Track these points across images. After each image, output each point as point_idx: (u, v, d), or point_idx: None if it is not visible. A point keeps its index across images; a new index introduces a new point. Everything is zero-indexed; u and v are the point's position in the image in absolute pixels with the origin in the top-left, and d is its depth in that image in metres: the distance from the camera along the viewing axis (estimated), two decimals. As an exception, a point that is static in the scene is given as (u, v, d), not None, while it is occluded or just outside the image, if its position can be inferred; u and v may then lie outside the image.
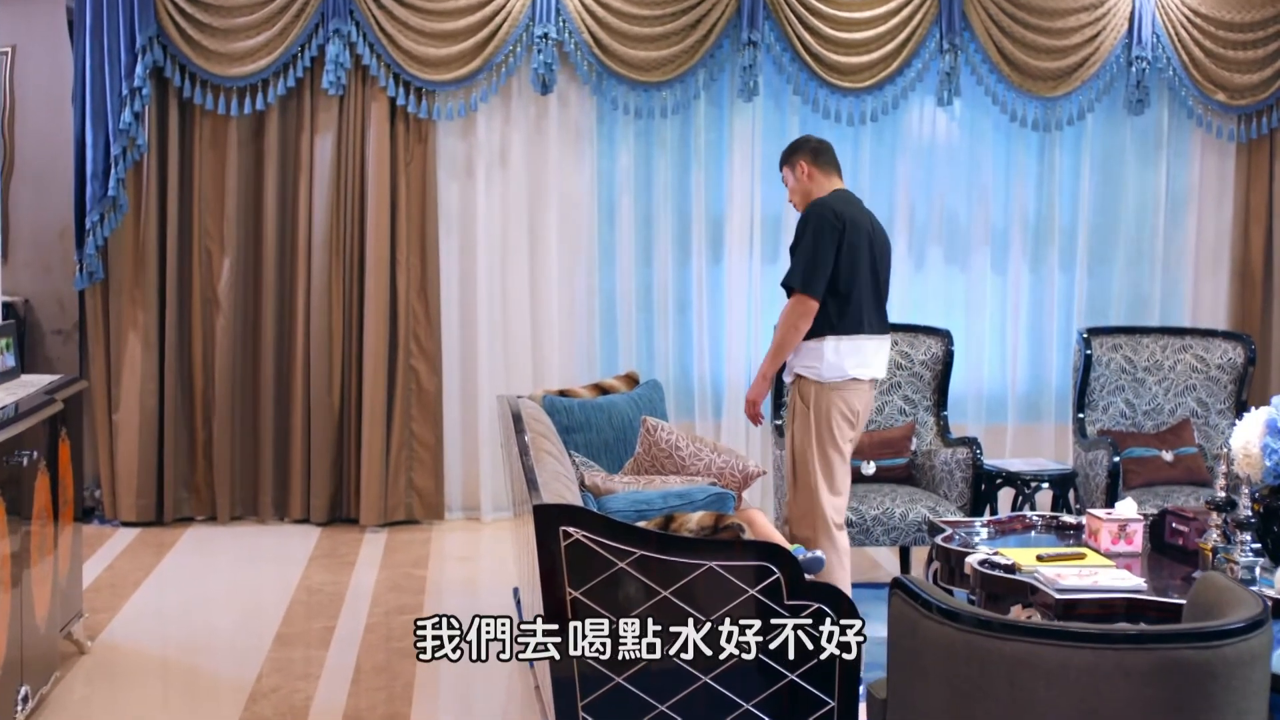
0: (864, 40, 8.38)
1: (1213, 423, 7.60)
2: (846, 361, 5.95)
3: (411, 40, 8.05)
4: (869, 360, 6.04)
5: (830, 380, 5.94)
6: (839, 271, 5.92)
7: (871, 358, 6.05)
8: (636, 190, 8.59)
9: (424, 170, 8.24)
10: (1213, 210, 9.06)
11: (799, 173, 6.19)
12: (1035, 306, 9.01)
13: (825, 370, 5.94)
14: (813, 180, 6.17)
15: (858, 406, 6.02)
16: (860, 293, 5.97)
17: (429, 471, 8.38)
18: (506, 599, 6.82)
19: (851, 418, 6.01)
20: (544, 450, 5.16)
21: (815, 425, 5.96)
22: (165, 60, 7.94)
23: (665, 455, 5.95)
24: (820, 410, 5.96)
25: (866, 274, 6.00)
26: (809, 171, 6.17)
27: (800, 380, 6.02)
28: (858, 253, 5.97)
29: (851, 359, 5.96)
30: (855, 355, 5.97)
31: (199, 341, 8.21)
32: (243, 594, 7.04)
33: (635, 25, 8.22)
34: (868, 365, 6.03)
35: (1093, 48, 8.56)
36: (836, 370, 5.94)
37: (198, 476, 8.33)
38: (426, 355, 8.30)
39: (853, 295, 5.95)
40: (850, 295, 5.95)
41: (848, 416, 5.99)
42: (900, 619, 3.58)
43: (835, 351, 5.94)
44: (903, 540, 6.80)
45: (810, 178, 6.17)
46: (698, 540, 4.51)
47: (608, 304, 8.67)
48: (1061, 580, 5.09)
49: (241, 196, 8.19)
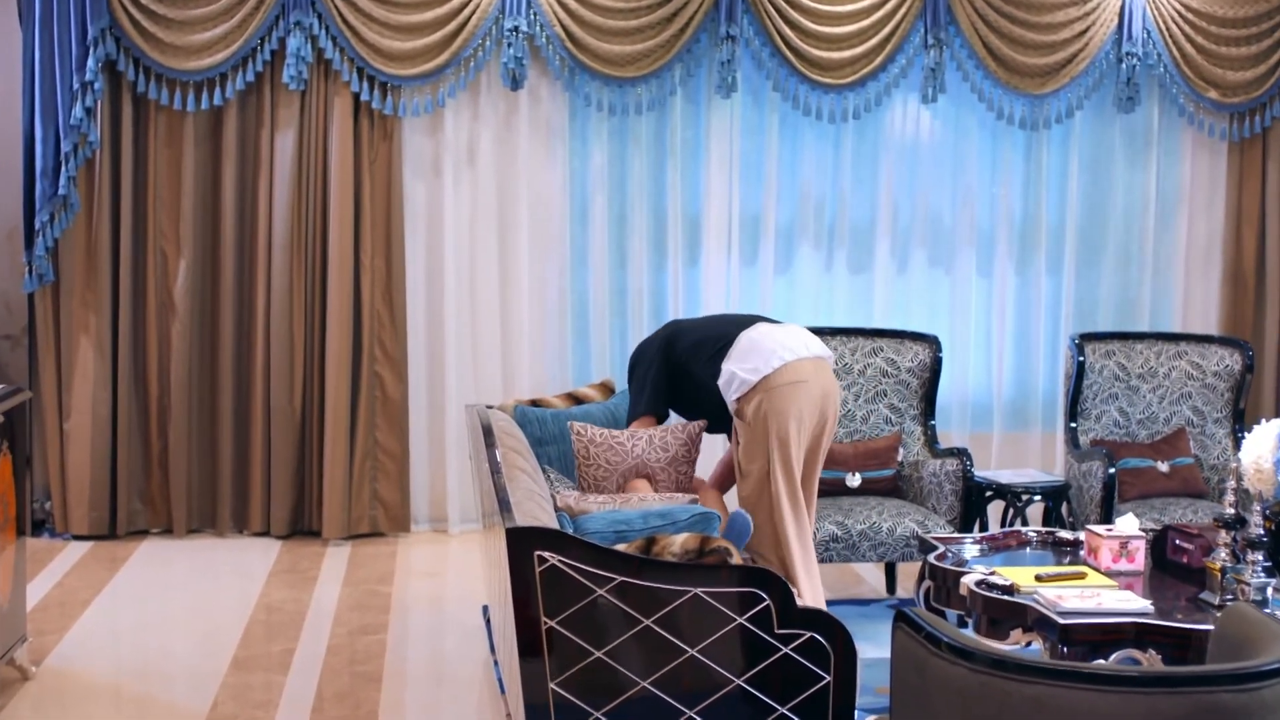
0: (846, 35, 8.16)
1: (1209, 432, 7.36)
2: (763, 357, 5.65)
3: (376, 33, 7.81)
4: (785, 341, 5.72)
5: (764, 378, 5.61)
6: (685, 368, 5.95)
7: (786, 339, 5.74)
8: (610, 190, 8.37)
9: (389, 169, 8.01)
10: (1204, 211, 8.87)
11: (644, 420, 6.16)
12: (1022, 310, 8.81)
13: (750, 374, 5.63)
14: None
15: (804, 404, 5.66)
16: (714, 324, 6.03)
17: (394, 482, 8.14)
18: (476, 617, 6.56)
19: (800, 417, 5.66)
20: (516, 467, 4.87)
21: (766, 437, 5.62)
22: (118, 53, 7.68)
23: (605, 453, 5.76)
24: (764, 418, 5.62)
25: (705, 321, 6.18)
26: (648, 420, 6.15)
27: (739, 404, 5.70)
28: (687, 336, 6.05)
29: (765, 350, 5.67)
30: (764, 346, 5.69)
31: (154, 347, 7.95)
32: (199, 613, 6.74)
33: (609, 19, 8.00)
34: (787, 346, 5.69)
35: (1082, 43, 8.36)
36: (763, 363, 5.63)
37: (153, 488, 8.07)
38: (392, 361, 8.07)
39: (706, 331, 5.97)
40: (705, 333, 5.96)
41: (796, 416, 5.64)
42: (906, 656, 3.33)
43: (743, 358, 5.68)
44: (890, 556, 6.54)
45: None
46: (682, 565, 4.25)
47: (580, 307, 8.45)
48: (1063, 603, 4.88)
49: (198, 196, 7.94)
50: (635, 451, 5.78)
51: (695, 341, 5.90)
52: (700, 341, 5.88)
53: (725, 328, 5.89)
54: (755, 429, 5.60)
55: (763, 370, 5.61)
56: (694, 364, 5.88)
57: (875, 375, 7.13)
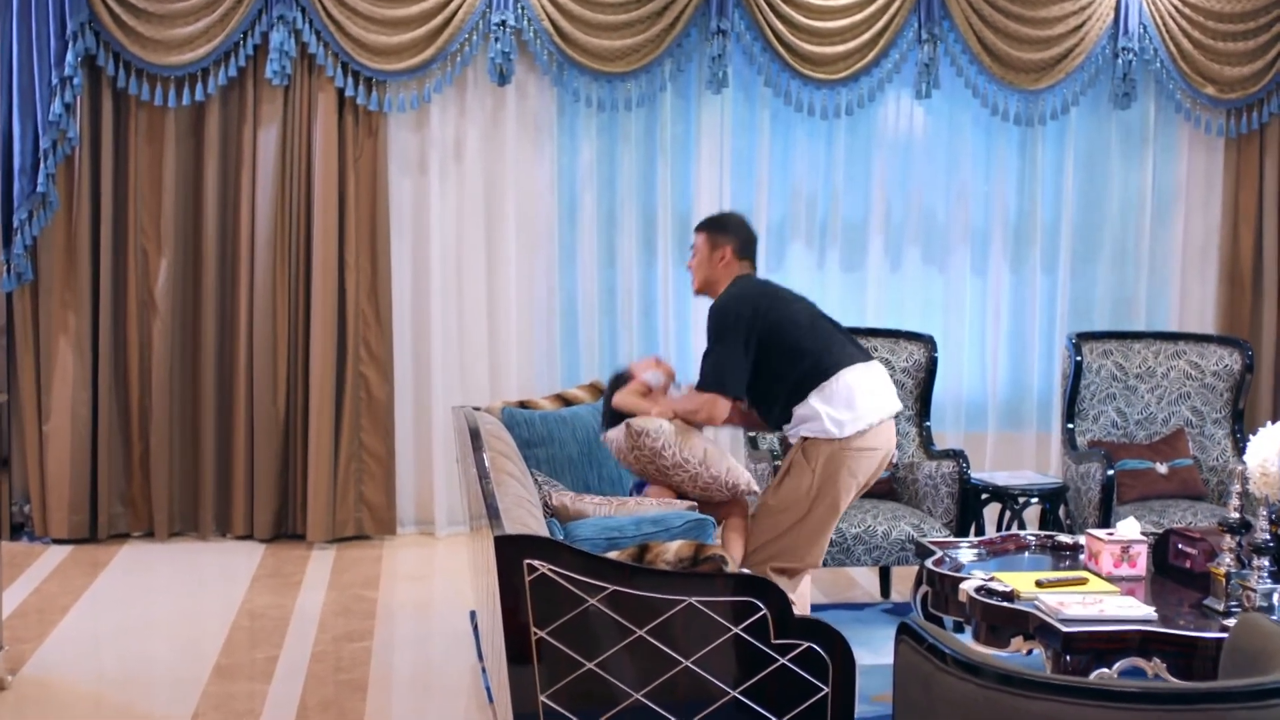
0: (839, 29, 8.05)
1: (1208, 433, 7.25)
2: (855, 412, 5.40)
3: (361, 27, 7.69)
4: (878, 396, 5.47)
5: (847, 435, 5.38)
6: (776, 342, 5.42)
7: (878, 392, 5.49)
8: (599, 187, 8.26)
9: (374, 165, 7.90)
10: (1200, 209, 8.77)
11: (717, 256, 5.65)
12: (1016, 309, 8.71)
13: (835, 426, 5.37)
14: (727, 270, 5.63)
15: (871, 468, 5.49)
16: (818, 338, 5.48)
17: (380, 484, 8.03)
18: (463, 623, 6.44)
19: (860, 483, 5.51)
20: (505, 472, 4.75)
21: (820, 487, 5.42)
22: (98, 48, 7.56)
23: (649, 460, 5.42)
24: (833, 475, 5.41)
25: (810, 320, 5.55)
26: (728, 261, 5.64)
27: (807, 443, 5.44)
28: (786, 310, 5.52)
29: (859, 405, 5.41)
30: (859, 400, 5.41)
31: (135, 347, 7.84)
32: (181, 619, 6.61)
33: (598, 12, 7.90)
34: (876, 408, 5.45)
35: (1077, 38, 8.25)
36: (854, 419, 5.39)
37: (134, 490, 7.95)
38: (377, 361, 7.97)
39: (806, 346, 5.44)
40: (804, 348, 5.44)
41: (859, 482, 5.49)
42: (910, 670, 3.20)
43: (835, 401, 5.38)
44: (885, 560, 6.42)
45: (726, 267, 5.64)
46: (676, 573, 4.13)
47: (569, 306, 8.35)
48: (1065, 610, 4.77)
49: (180, 193, 7.82)
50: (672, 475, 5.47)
51: (794, 347, 5.44)
52: (799, 351, 5.43)
53: (827, 348, 5.47)
54: (814, 478, 5.41)
55: (849, 429, 5.37)
56: (784, 366, 5.45)
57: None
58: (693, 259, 5.74)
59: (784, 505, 5.48)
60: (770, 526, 5.50)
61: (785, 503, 5.48)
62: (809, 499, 5.43)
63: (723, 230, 5.70)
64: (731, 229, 5.72)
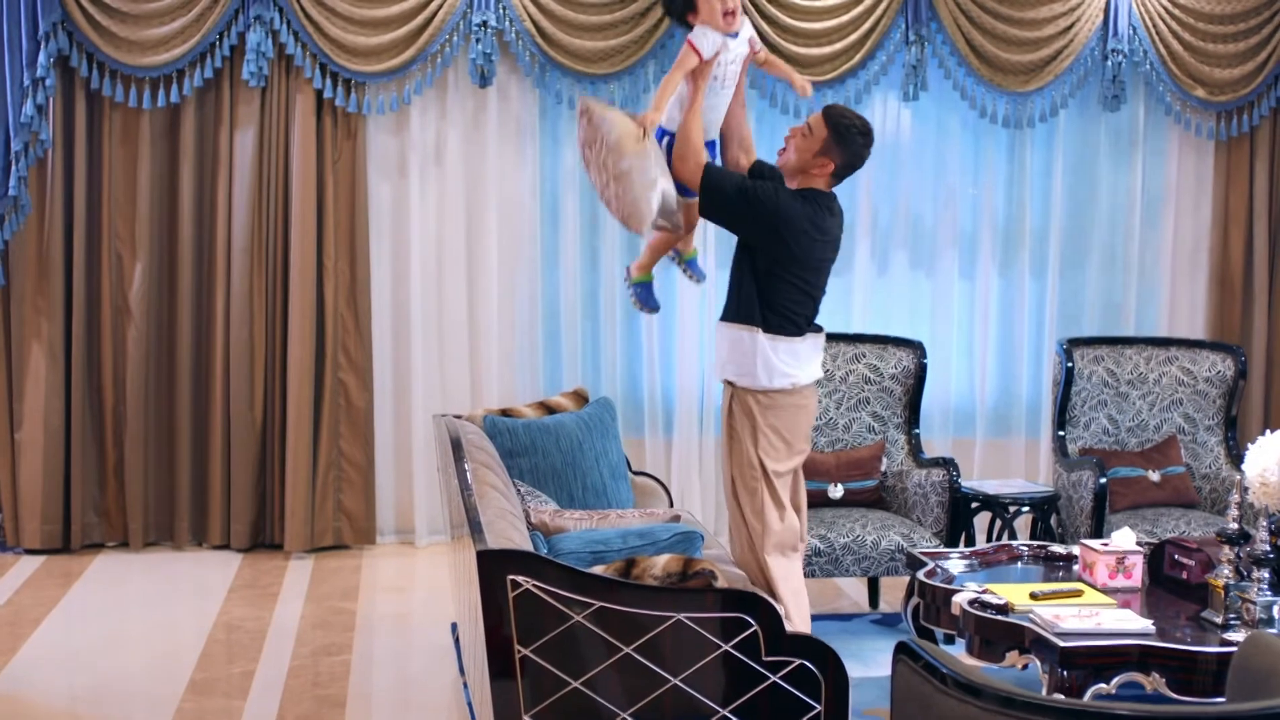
0: (825, 30, 7.93)
1: (1201, 440, 7.15)
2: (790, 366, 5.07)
3: (339, 28, 7.57)
4: (817, 357, 5.21)
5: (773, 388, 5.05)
6: (800, 271, 5.11)
7: (814, 356, 5.22)
8: (582, 190, 8.12)
9: (353, 168, 7.78)
10: (1190, 212, 8.66)
11: (819, 160, 5.16)
12: (1005, 313, 8.59)
13: (763, 376, 5.03)
14: (813, 177, 5.17)
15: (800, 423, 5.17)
16: (813, 300, 5.19)
17: (359, 493, 7.91)
18: (444, 636, 6.32)
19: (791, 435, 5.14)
20: (487, 484, 4.63)
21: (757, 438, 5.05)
22: (71, 48, 7.44)
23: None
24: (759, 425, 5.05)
25: (820, 281, 5.23)
26: (823, 172, 5.17)
27: (739, 391, 5.10)
28: (820, 251, 5.18)
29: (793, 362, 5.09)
30: (796, 358, 5.11)
31: (109, 353, 7.71)
32: (156, 632, 6.48)
33: (581, 13, 7.78)
34: (814, 362, 5.19)
35: (1066, 40, 8.15)
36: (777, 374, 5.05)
37: (108, 499, 7.81)
38: (356, 368, 7.85)
39: (804, 301, 5.14)
40: (809, 296, 5.15)
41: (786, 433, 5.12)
42: (908, 692, 3.10)
43: (775, 351, 5.04)
44: (874, 571, 6.31)
45: (816, 173, 5.16)
46: (664, 589, 4.02)
47: (551, 311, 8.22)
48: (1061, 623, 4.70)
49: (155, 197, 7.70)
50: None
51: (796, 284, 5.11)
52: (795, 290, 5.11)
53: (813, 300, 5.21)
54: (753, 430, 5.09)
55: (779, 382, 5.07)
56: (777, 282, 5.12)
57: (858, 382, 6.91)
58: (799, 137, 5.21)
59: (744, 471, 5.09)
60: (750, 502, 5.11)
61: (744, 468, 5.09)
62: (756, 454, 5.06)
63: (843, 146, 5.18)
64: (851, 149, 5.22)
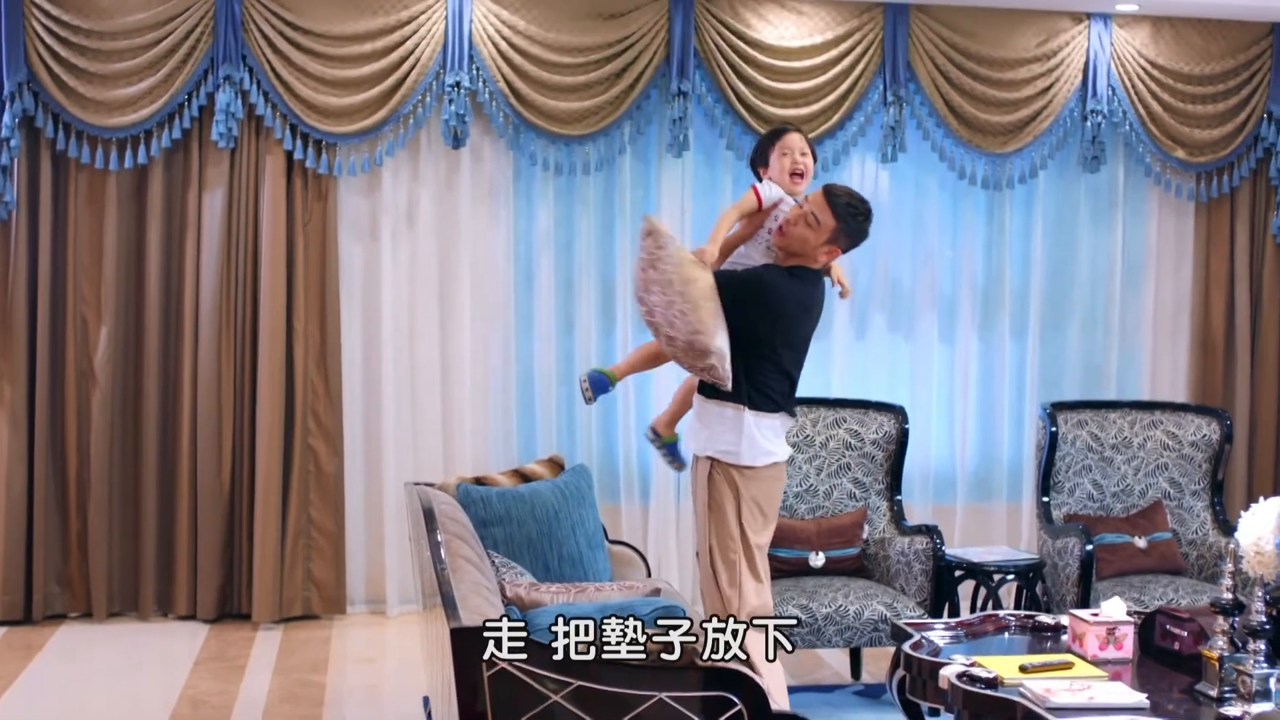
0: (803, 91, 7.88)
1: (1187, 505, 7.04)
2: (771, 443, 5.12)
3: (310, 88, 7.49)
4: (783, 435, 5.23)
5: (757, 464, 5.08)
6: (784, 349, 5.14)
7: (784, 432, 5.25)
8: (556, 252, 8.06)
9: (324, 231, 7.70)
10: (1171, 274, 8.62)
11: (825, 248, 5.14)
12: (985, 377, 8.52)
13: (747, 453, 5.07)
14: (822, 260, 5.19)
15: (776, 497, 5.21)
16: (790, 380, 5.21)
17: (329, 561, 7.78)
18: (416, 708, 6.16)
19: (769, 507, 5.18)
20: (460, 556, 4.48)
21: (740, 509, 5.08)
22: (36, 108, 7.34)
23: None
24: (743, 498, 5.08)
25: (800, 359, 5.26)
26: (832, 257, 5.20)
27: (716, 464, 5.11)
28: (801, 328, 5.23)
29: (774, 439, 5.14)
30: (776, 434, 5.17)
31: (73, 419, 7.58)
32: (120, 705, 6.31)
33: (556, 74, 7.70)
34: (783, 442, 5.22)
35: (1045, 100, 8.11)
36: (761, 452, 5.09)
37: (71, 569, 7.66)
38: (326, 434, 7.73)
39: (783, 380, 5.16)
40: (789, 376, 5.18)
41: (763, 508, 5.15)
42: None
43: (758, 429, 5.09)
44: (858, 641, 6.17)
45: (828, 258, 5.19)
46: (644, 667, 3.87)
47: (525, 376, 8.11)
48: (1052, 697, 4.57)
49: (121, 259, 7.60)
50: None
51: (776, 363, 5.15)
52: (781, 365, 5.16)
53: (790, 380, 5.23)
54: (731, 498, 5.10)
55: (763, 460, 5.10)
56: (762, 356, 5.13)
57: (838, 448, 6.80)
58: (803, 226, 5.10)
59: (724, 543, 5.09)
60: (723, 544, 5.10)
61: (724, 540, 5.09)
62: (739, 526, 5.07)
63: (850, 233, 5.14)
64: (854, 236, 5.19)
